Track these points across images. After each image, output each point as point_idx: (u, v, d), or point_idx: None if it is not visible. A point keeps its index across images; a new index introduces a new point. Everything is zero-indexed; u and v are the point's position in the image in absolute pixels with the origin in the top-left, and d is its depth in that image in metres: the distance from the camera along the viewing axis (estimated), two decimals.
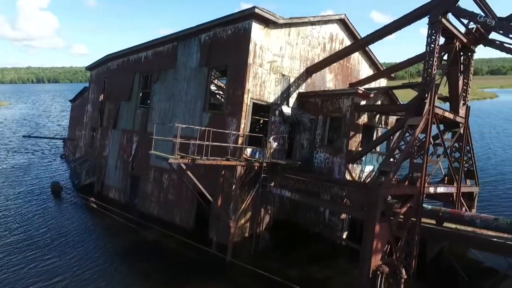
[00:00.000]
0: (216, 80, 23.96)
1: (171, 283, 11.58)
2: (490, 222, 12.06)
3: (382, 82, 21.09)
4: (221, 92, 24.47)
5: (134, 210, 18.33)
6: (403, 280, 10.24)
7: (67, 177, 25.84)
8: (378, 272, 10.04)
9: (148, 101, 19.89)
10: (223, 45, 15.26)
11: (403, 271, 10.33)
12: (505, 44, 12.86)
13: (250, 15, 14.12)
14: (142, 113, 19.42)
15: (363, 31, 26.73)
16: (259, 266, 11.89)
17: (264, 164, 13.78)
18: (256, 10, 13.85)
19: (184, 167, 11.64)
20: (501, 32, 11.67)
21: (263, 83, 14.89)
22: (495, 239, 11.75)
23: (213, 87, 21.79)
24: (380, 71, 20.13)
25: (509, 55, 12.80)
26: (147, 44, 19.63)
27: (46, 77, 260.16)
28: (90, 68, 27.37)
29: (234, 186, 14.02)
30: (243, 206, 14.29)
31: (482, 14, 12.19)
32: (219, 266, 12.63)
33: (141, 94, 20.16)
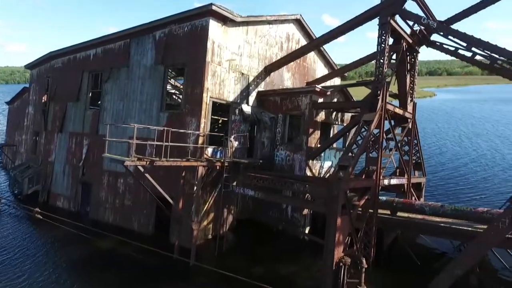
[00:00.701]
0: (172, 80, 23.19)
1: None
2: (437, 209, 13.05)
3: (336, 81, 21.94)
4: (177, 92, 23.77)
5: (87, 218, 17.05)
6: (364, 270, 10.67)
7: (5, 188, 23.34)
8: (341, 264, 10.36)
9: (99, 102, 18.66)
10: (179, 43, 14.80)
11: (364, 261, 10.75)
12: (444, 45, 14.00)
13: (207, 12, 13.85)
14: (93, 114, 18.13)
15: (316, 33, 27.58)
16: (224, 268, 11.66)
17: (226, 164, 13.60)
18: (213, 7, 13.63)
19: (142, 169, 11.03)
20: (441, 33, 12.67)
21: (222, 82, 14.69)
22: (442, 224, 12.72)
23: (169, 87, 21.05)
24: (334, 70, 20.92)
25: (444, 58, 13.94)
26: (96, 40, 18.37)
27: None
28: (30, 66, 24.93)
29: (195, 188, 13.63)
30: (205, 207, 13.96)
31: (425, 17, 13.16)
32: (183, 270, 12.19)
33: (90, 94, 18.82)
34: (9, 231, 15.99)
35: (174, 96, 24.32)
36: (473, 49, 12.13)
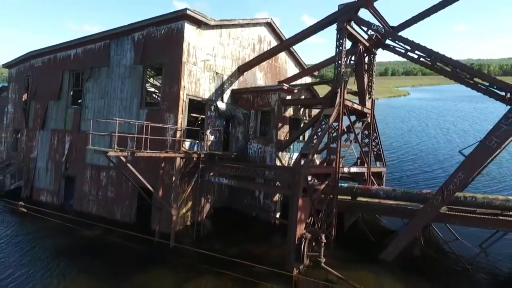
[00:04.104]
0: (151, 79, 24.17)
1: (117, 273, 11.87)
2: (390, 192, 14.85)
3: (308, 80, 23.57)
4: (156, 91, 24.76)
5: (71, 211, 17.90)
6: (323, 244, 12.24)
7: None
8: (303, 239, 11.89)
9: (80, 100, 19.46)
10: (157, 44, 15.91)
11: (323, 237, 12.31)
12: (396, 48, 15.77)
13: (182, 16, 15.05)
14: (75, 112, 18.95)
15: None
16: (201, 249, 12.95)
17: (202, 156, 14.89)
18: (188, 12, 14.86)
19: (124, 160, 12.14)
20: (390, 38, 14.44)
21: (198, 81, 15.95)
22: (394, 206, 14.53)
23: (148, 85, 22.04)
24: (304, 70, 22.53)
25: None
26: (76, 41, 19.16)
27: None
28: (9, 65, 25.20)
29: (174, 178, 14.81)
30: (183, 196, 15.18)
31: (377, 23, 14.90)
32: (163, 251, 13.39)
33: (72, 93, 19.61)
34: None
35: (153, 95, 25.30)
36: (416, 52, 13.94)
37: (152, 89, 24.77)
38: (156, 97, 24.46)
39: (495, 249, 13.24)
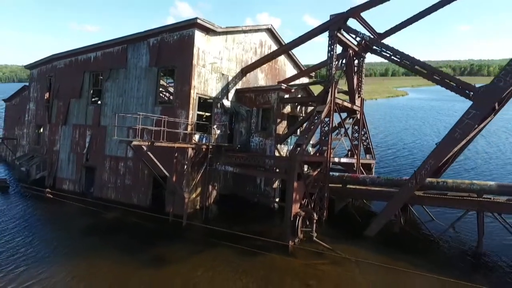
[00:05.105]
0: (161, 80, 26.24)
1: (138, 246, 13.91)
2: (375, 179, 16.90)
3: (305, 80, 25.61)
4: (163, 91, 26.83)
5: (91, 197, 20.02)
6: (314, 221, 14.31)
7: (8, 176, 25.76)
8: (298, 216, 13.95)
9: (95, 98, 21.57)
10: (170, 49, 18.00)
11: (315, 215, 14.39)
12: (382, 53, 17.82)
13: (193, 24, 17.14)
14: (95, 109, 21.09)
15: (297, 34, 31.36)
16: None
17: (210, 147, 16.99)
18: (198, 21, 16.95)
19: (144, 148, 14.24)
20: (374, 45, 16.51)
21: (206, 81, 18.04)
22: (377, 190, 16.55)
23: None
24: (301, 71, 24.59)
25: (422, 59, 17.07)
26: (95, 45, 21.30)
27: None
28: (30, 67, 27.42)
29: (186, 166, 16.94)
30: (193, 183, 17.27)
31: (364, 31, 17.00)
32: (177, 229, 15.49)
33: (91, 92, 21.75)
34: (25, 207, 18.77)
35: (161, 94, 27.34)
36: (397, 55, 16.00)
37: (160, 89, 26.79)
38: (163, 96, 26.51)
39: (463, 225, 15.32)
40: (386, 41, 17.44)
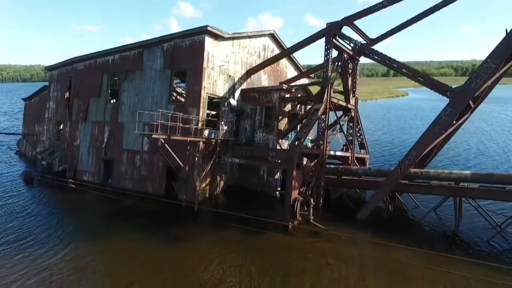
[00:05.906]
0: None
1: (156, 227, 15.77)
2: (366, 170, 18.83)
3: (305, 81, 27.54)
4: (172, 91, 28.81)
5: (110, 187, 22.06)
6: (311, 206, 16.21)
7: (30, 169, 27.90)
8: (296, 201, 15.87)
9: (112, 98, 23.55)
10: (182, 53, 19.99)
11: (312, 200, 16.30)
12: (375, 56, 19.73)
13: (203, 31, 19.11)
14: (113, 107, 23.14)
15: (300, 34, 33.41)
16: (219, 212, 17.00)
17: (219, 141, 18.97)
18: (208, 28, 18.93)
19: (163, 141, 16.23)
20: (365, 51, 18.44)
21: (215, 82, 20.01)
22: (368, 180, 18.45)
23: None
24: (301, 72, 26.53)
25: (423, 59, 19.27)
26: (113, 49, 23.36)
27: None
28: (50, 68, 29.58)
29: (197, 158, 18.92)
30: (203, 173, 19.25)
31: (357, 38, 18.95)
32: (190, 213, 17.47)
33: (109, 91, 23.81)
34: (51, 195, 20.89)
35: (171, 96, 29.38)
36: (387, 60, 17.90)
37: None
38: (173, 97, 28.45)
39: (445, 211, 17.22)
40: (386, 41, 19.44)
